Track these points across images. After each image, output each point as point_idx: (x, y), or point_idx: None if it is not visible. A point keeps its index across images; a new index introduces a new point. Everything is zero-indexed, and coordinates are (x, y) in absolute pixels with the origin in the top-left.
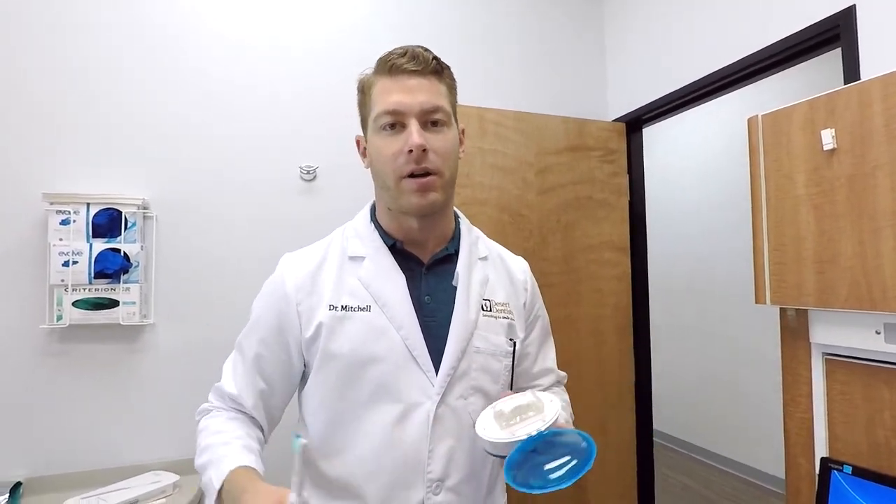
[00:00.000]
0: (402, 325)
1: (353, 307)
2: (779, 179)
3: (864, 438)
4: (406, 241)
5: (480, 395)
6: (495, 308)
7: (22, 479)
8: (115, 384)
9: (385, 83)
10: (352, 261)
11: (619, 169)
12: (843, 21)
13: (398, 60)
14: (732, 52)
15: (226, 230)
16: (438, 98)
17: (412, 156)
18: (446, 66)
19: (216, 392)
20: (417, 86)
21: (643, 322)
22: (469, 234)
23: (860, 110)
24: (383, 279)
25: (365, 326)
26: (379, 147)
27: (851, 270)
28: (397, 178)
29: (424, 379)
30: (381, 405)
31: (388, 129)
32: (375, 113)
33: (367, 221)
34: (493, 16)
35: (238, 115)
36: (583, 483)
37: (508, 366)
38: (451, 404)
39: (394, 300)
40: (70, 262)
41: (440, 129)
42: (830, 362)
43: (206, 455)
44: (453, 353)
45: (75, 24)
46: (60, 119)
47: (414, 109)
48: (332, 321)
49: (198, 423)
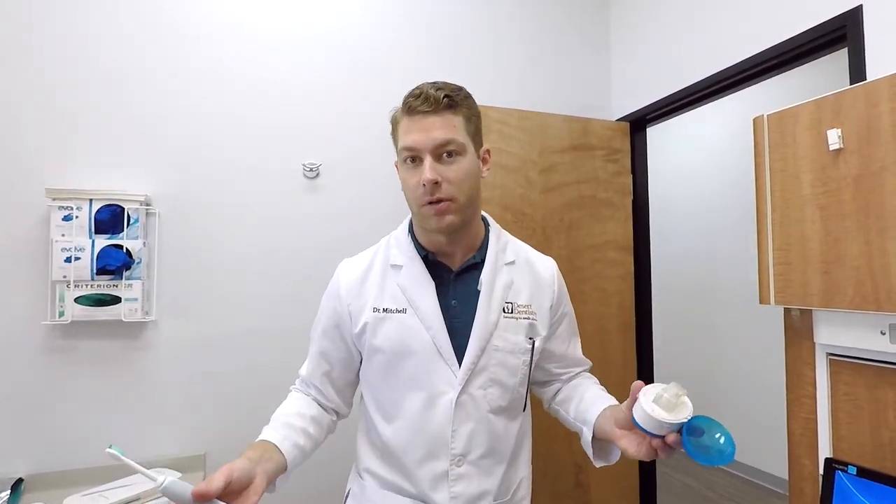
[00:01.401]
0: (430, 325)
1: (392, 309)
2: (784, 179)
3: (869, 439)
4: (437, 252)
5: (498, 386)
6: (517, 310)
7: (23, 475)
8: (117, 381)
9: (406, 123)
10: (393, 268)
11: (623, 168)
12: (849, 21)
13: (413, 102)
14: (738, 52)
15: (228, 227)
16: (450, 132)
17: (426, 188)
18: (464, 96)
19: (298, 378)
20: (431, 124)
21: (646, 321)
22: (497, 242)
23: (867, 110)
24: (416, 286)
25: (401, 326)
26: (403, 178)
27: (857, 271)
28: (418, 206)
29: (449, 372)
30: (414, 391)
31: (409, 163)
32: (399, 147)
33: (406, 234)
34: (498, 14)
35: (241, 111)
36: (585, 483)
37: (527, 361)
38: (471, 393)
39: (425, 304)
40: (72, 258)
41: (454, 159)
42: (835, 363)
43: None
44: (474, 351)
45: (78, 20)
46: (63, 115)
47: (427, 146)
48: (375, 321)
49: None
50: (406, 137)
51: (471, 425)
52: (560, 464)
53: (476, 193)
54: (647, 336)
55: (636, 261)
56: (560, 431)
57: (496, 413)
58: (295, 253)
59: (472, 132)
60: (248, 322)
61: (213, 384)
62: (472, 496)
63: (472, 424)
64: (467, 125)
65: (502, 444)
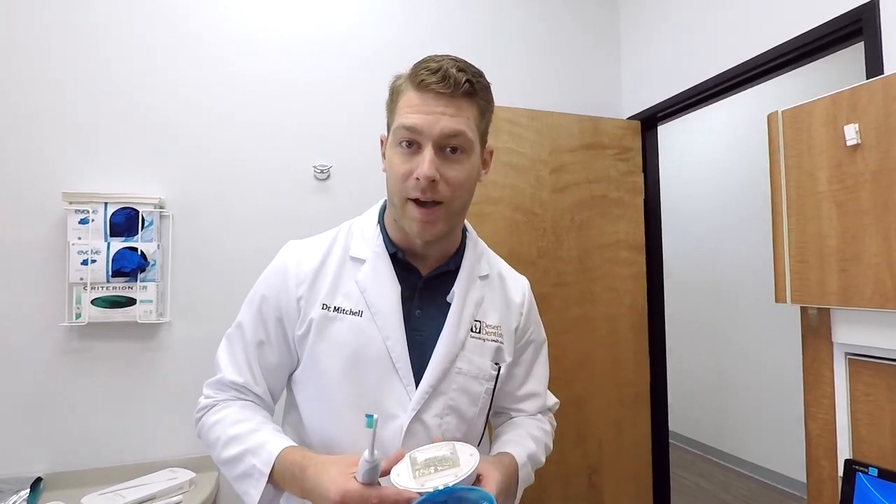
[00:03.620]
0: (389, 334)
1: (345, 310)
2: (800, 176)
3: (890, 440)
4: (407, 251)
5: (456, 415)
6: (485, 330)
7: (42, 474)
8: (132, 382)
9: (411, 97)
10: (353, 261)
11: (634, 167)
12: (865, 14)
13: (428, 78)
14: (750, 48)
15: (240, 229)
16: (462, 123)
17: (420, 183)
18: (484, 86)
19: (215, 385)
20: (442, 109)
21: (658, 321)
22: (474, 251)
23: (885, 105)
24: (378, 286)
25: (353, 331)
26: (392, 161)
27: (876, 268)
28: (403, 199)
29: (403, 392)
30: (358, 412)
31: (403, 146)
32: (396, 124)
33: (375, 224)
34: (507, 13)
35: (253, 114)
36: (598, 484)
37: (490, 389)
38: (425, 421)
39: (385, 309)
40: (89, 260)
41: (458, 157)
42: (854, 363)
43: (236, 446)
44: (435, 372)
45: (93, 27)
46: (79, 121)
47: (433, 133)
48: (323, 320)
49: (199, 419)
50: (409, 115)
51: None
52: (572, 466)
53: (470, 199)
54: (659, 336)
55: (648, 260)
56: (571, 434)
57: None
58: None
59: (482, 129)
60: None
61: None
62: None
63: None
64: (480, 120)
65: None
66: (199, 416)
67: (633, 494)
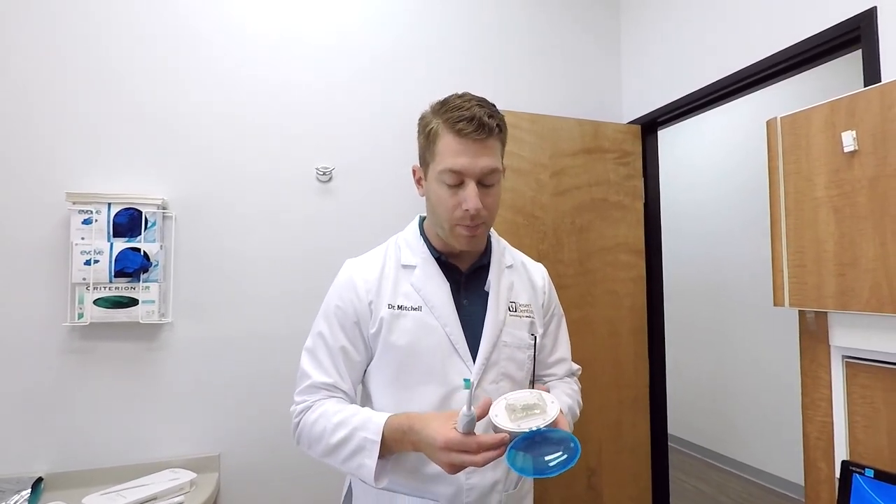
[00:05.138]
0: (447, 323)
1: (407, 307)
2: (798, 182)
3: (887, 442)
4: (448, 254)
5: (509, 380)
6: (520, 309)
7: (43, 474)
8: (134, 382)
9: (451, 142)
10: (405, 268)
11: (635, 171)
12: (864, 23)
13: (465, 128)
14: (750, 55)
15: (243, 230)
16: (495, 160)
17: (468, 213)
18: (501, 119)
19: (306, 391)
20: (480, 151)
21: (658, 324)
22: (498, 247)
23: (882, 112)
24: (431, 285)
25: (417, 323)
26: (440, 196)
27: (873, 273)
28: (452, 225)
29: (464, 367)
30: (430, 387)
31: (449, 183)
32: (440, 167)
33: (417, 234)
34: (508, 17)
35: (256, 116)
36: (597, 486)
37: (531, 356)
38: (485, 387)
39: (440, 303)
40: (91, 260)
41: (492, 187)
42: (851, 366)
43: (344, 429)
44: (487, 346)
45: (97, 25)
46: (83, 122)
47: (475, 173)
48: (391, 317)
49: (298, 423)
50: (454, 160)
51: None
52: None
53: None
54: (659, 339)
55: (648, 263)
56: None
57: None
58: (308, 256)
59: (503, 154)
60: (262, 324)
61: (227, 386)
62: (486, 487)
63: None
64: (502, 150)
65: None
66: (296, 420)
67: (632, 497)
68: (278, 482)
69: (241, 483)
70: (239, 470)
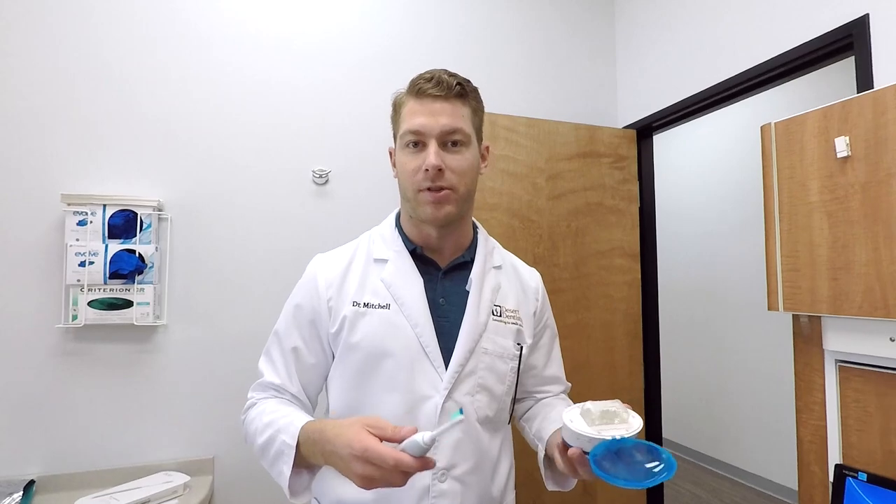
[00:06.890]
0: (417, 322)
1: (373, 304)
2: (792, 187)
3: (879, 446)
4: (426, 247)
5: (486, 393)
6: (505, 314)
7: (35, 477)
8: (128, 384)
9: (412, 105)
10: (376, 263)
11: (630, 175)
12: (856, 30)
13: (424, 85)
14: (744, 60)
15: (239, 233)
16: (458, 121)
17: (428, 174)
18: (472, 89)
19: (258, 388)
20: (440, 109)
21: (653, 328)
22: (485, 245)
23: (874, 118)
24: (403, 280)
25: (383, 322)
26: (402, 162)
27: (866, 277)
28: (415, 191)
29: (434, 374)
30: (393, 395)
31: (411, 147)
32: (402, 131)
33: (392, 227)
34: (504, 21)
35: (252, 118)
36: (592, 491)
37: (515, 368)
38: (458, 400)
39: (411, 300)
40: (86, 262)
41: (458, 149)
42: (844, 370)
43: (269, 430)
44: (462, 352)
45: (93, 29)
46: (78, 123)
47: (434, 131)
48: (354, 316)
49: (243, 420)
50: (412, 120)
51: (456, 435)
52: None
53: (474, 187)
54: (653, 343)
55: (643, 267)
56: None
57: (482, 423)
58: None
59: (476, 126)
60: (257, 326)
61: (222, 388)
62: None
63: (457, 434)
64: (473, 118)
65: (485, 460)
66: (242, 417)
67: (626, 501)
68: (272, 485)
69: (234, 486)
70: (233, 473)
